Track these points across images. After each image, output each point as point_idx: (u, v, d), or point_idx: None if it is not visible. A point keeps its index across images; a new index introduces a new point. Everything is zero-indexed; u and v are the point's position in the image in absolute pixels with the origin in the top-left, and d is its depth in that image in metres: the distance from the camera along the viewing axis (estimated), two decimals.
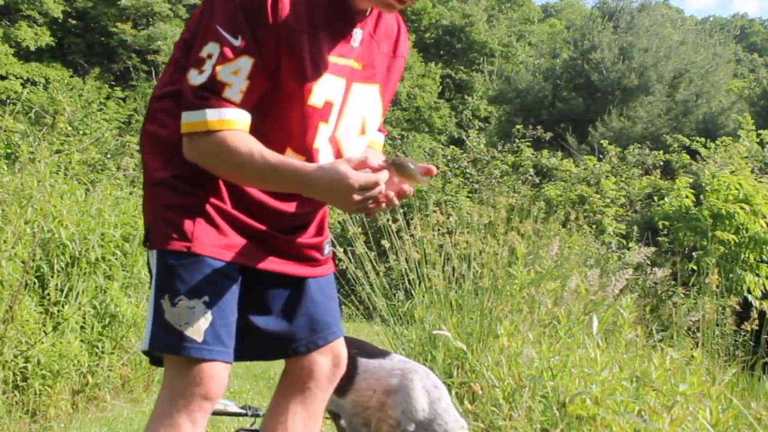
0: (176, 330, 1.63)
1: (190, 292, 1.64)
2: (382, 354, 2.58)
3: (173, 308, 1.64)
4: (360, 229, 4.49)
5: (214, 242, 1.67)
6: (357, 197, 1.53)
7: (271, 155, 1.59)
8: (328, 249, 1.89)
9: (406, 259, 4.41)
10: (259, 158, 1.58)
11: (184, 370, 1.66)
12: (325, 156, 1.71)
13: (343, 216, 7.61)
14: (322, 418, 1.96)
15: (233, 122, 1.59)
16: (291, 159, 1.64)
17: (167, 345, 1.66)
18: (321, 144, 1.71)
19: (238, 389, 4.71)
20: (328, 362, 1.89)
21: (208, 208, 1.67)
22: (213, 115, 1.57)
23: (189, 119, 1.59)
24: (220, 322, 1.67)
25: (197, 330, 1.64)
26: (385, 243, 4.60)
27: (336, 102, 1.70)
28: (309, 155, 1.69)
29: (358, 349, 2.60)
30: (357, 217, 6.84)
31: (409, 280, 4.39)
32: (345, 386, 2.48)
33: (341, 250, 4.32)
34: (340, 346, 1.92)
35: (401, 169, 1.55)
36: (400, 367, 2.46)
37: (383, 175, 1.54)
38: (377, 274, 4.49)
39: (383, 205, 1.59)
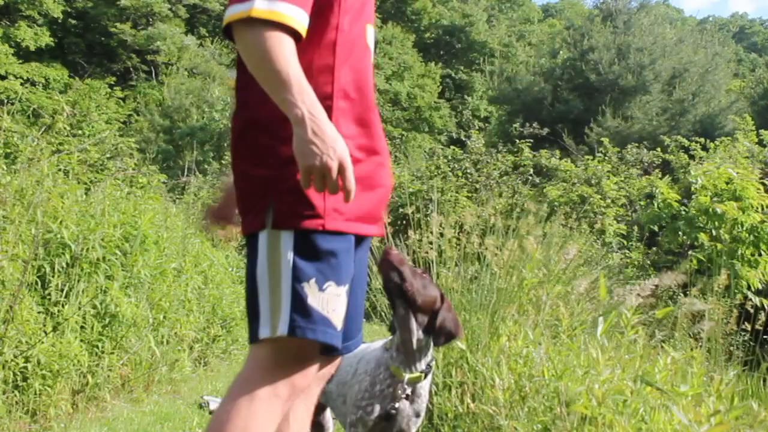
0: (323, 316, 1.54)
1: (339, 279, 1.57)
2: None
3: (321, 293, 1.54)
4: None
5: (356, 213, 1.59)
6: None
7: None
8: None
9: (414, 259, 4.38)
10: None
11: (301, 356, 1.58)
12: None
13: None
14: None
15: (283, 16, 1.45)
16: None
17: (312, 330, 1.54)
18: None
19: None
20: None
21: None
22: (261, 4, 1.44)
23: (235, 11, 1.46)
24: (347, 311, 1.62)
25: (339, 318, 1.57)
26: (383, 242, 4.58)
27: None
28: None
29: None
30: None
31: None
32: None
33: None
34: None
35: None
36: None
37: None
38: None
39: None
